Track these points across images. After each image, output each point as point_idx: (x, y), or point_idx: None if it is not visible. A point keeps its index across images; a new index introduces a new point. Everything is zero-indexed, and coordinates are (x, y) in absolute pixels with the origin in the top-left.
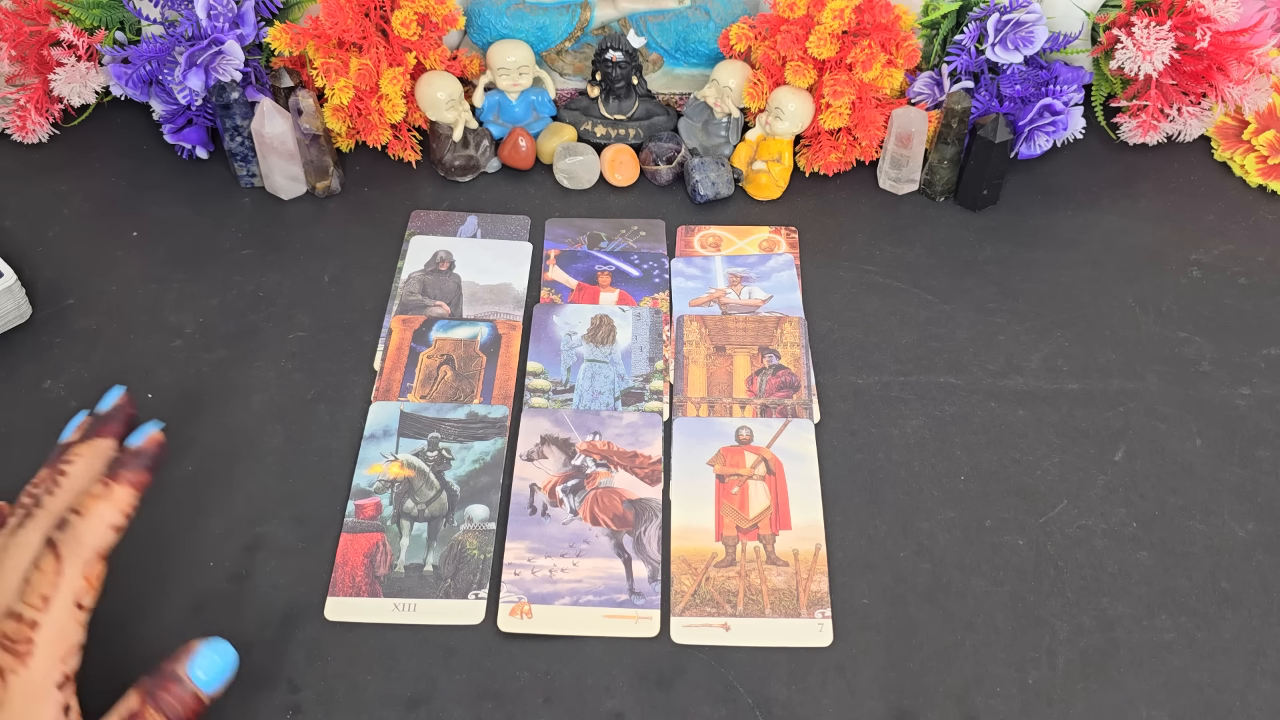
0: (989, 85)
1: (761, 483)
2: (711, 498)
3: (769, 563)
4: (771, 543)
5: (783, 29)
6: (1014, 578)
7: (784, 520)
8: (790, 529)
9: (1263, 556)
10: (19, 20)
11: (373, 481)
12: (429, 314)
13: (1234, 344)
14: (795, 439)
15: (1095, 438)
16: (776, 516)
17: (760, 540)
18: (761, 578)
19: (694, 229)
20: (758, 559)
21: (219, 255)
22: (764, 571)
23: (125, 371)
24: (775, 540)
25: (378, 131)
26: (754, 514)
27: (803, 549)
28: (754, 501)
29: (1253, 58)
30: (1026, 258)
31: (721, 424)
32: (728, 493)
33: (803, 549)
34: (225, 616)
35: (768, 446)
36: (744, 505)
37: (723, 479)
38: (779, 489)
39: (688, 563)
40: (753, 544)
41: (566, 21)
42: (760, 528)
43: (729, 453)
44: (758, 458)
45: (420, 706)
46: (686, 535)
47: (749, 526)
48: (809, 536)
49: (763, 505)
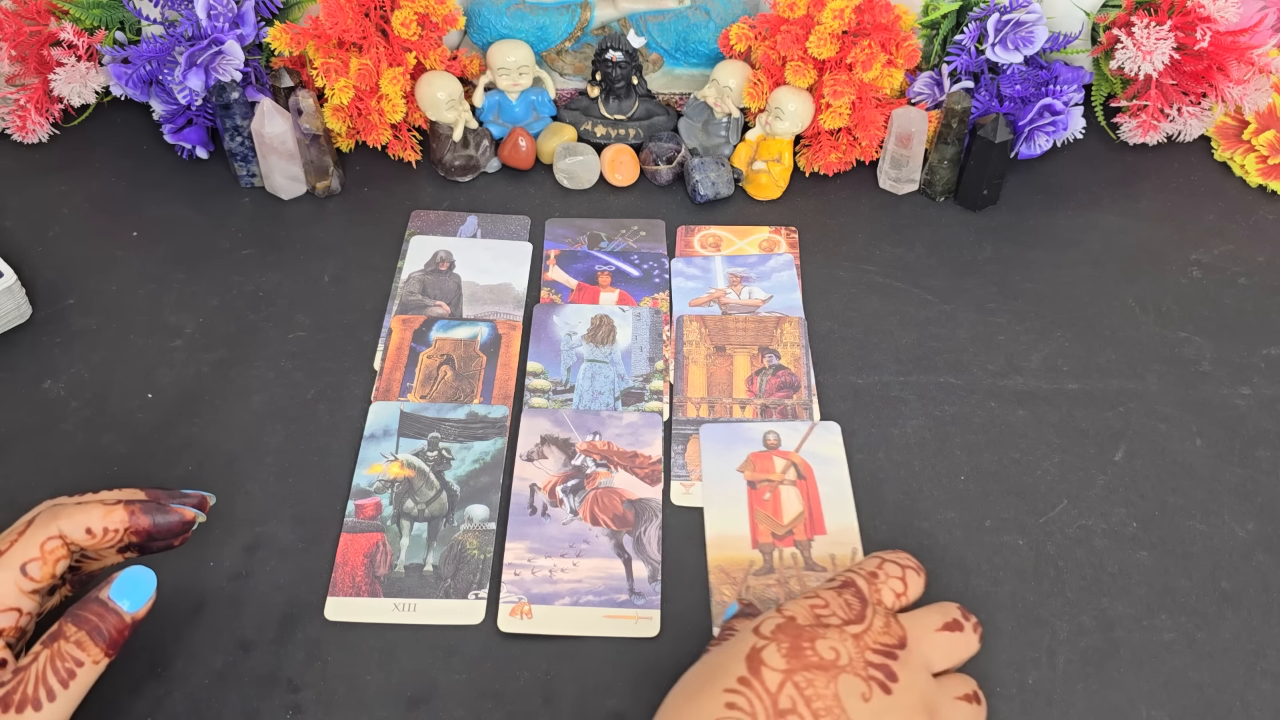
0: (989, 85)
1: (793, 487)
2: (744, 504)
3: (806, 569)
4: (808, 548)
5: (783, 29)
6: (1014, 578)
7: (818, 525)
8: (825, 534)
9: (1263, 556)
10: (19, 20)
11: (373, 481)
12: (429, 314)
13: (1234, 344)
14: (823, 442)
15: (1095, 438)
16: (810, 521)
17: (797, 546)
18: (800, 585)
19: (694, 229)
20: (795, 565)
21: (219, 255)
22: (802, 578)
23: (125, 371)
24: (811, 545)
25: (378, 131)
26: (788, 520)
27: (839, 554)
28: (787, 507)
29: (1253, 58)
30: (1026, 258)
31: (748, 429)
32: (760, 499)
33: (839, 554)
34: (225, 616)
35: (796, 450)
36: (777, 511)
37: (754, 485)
38: (811, 493)
39: (726, 572)
40: (789, 550)
41: (566, 21)
42: (795, 533)
43: (758, 458)
44: (787, 462)
45: (420, 706)
46: (722, 544)
47: (784, 533)
48: (844, 540)
49: (796, 510)
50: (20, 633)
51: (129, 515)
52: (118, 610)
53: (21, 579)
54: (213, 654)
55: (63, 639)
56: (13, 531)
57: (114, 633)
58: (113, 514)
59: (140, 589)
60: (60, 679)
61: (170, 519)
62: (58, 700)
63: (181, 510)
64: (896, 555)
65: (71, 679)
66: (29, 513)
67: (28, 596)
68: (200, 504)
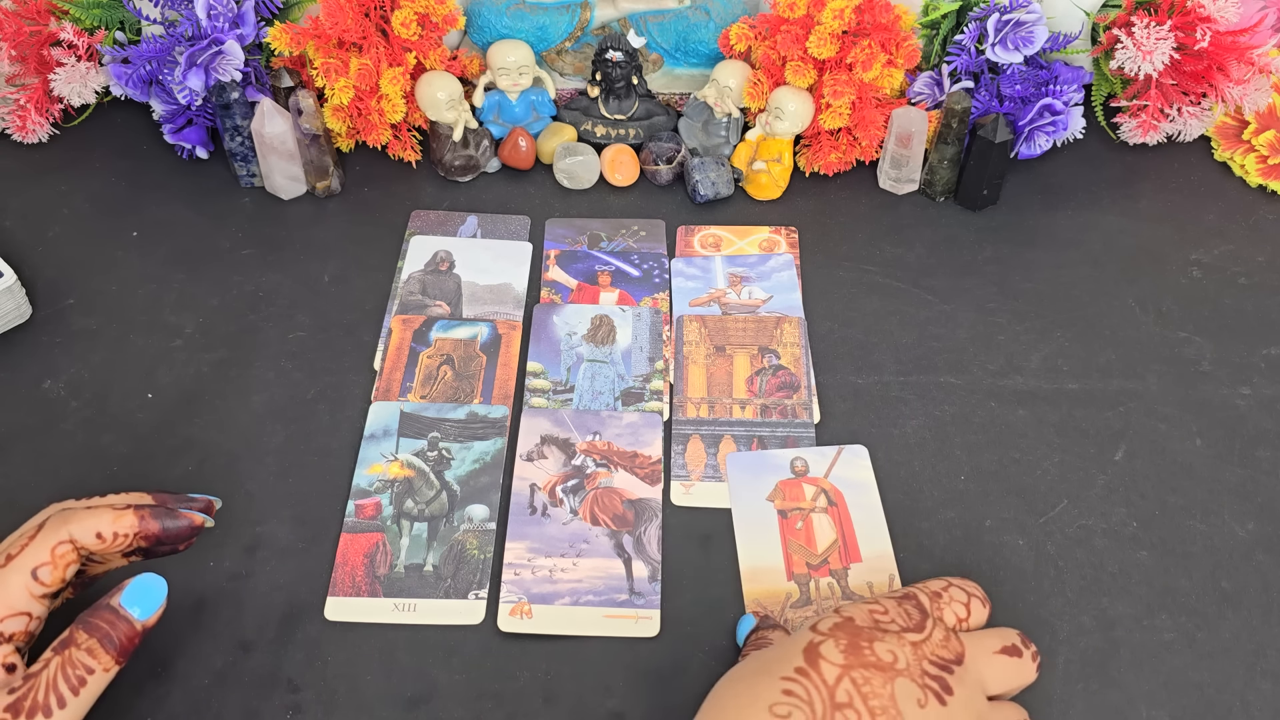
0: (989, 85)
1: (825, 515)
2: (776, 535)
3: (845, 598)
4: (844, 577)
5: (783, 29)
6: (1014, 578)
7: (853, 553)
8: (861, 561)
9: (1263, 556)
10: (19, 20)
11: (373, 481)
12: (429, 314)
13: (1234, 344)
14: (851, 466)
15: (1095, 438)
16: (845, 550)
17: (833, 575)
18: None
19: (694, 229)
20: (833, 595)
21: (219, 255)
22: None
23: (125, 371)
24: (848, 575)
25: (378, 131)
26: (822, 549)
27: (877, 581)
28: (820, 536)
29: (1253, 58)
30: (1026, 258)
31: (775, 456)
32: (792, 529)
33: (877, 581)
34: (225, 616)
35: (825, 477)
36: (810, 541)
37: (785, 514)
38: (843, 520)
39: (762, 605)
40: (825, 580)
41: (566, 21)
42: (830, 562)
43: (786, 486)
44: (817, 489)
45: (420, 706)
46: (757, 577)
47: (819, 563)
48: (881, 568)
49: (829, 539)
50: (29, 637)
51: (138, 520)
52: (128, 618)
53: (32, 583)
54: (213, 654)
55: (74, 646)
56: (23, 535)
57: (124, 640)
58: (122, 519)
59: (151, 597)
60: (71, 686)
61: (179, 524)
62: (68, 707)
63: (190, 515)
64: (965, 582)
65: (82, 686)
66: (37, 516)
67: (38, 601)
68: (207, 509)
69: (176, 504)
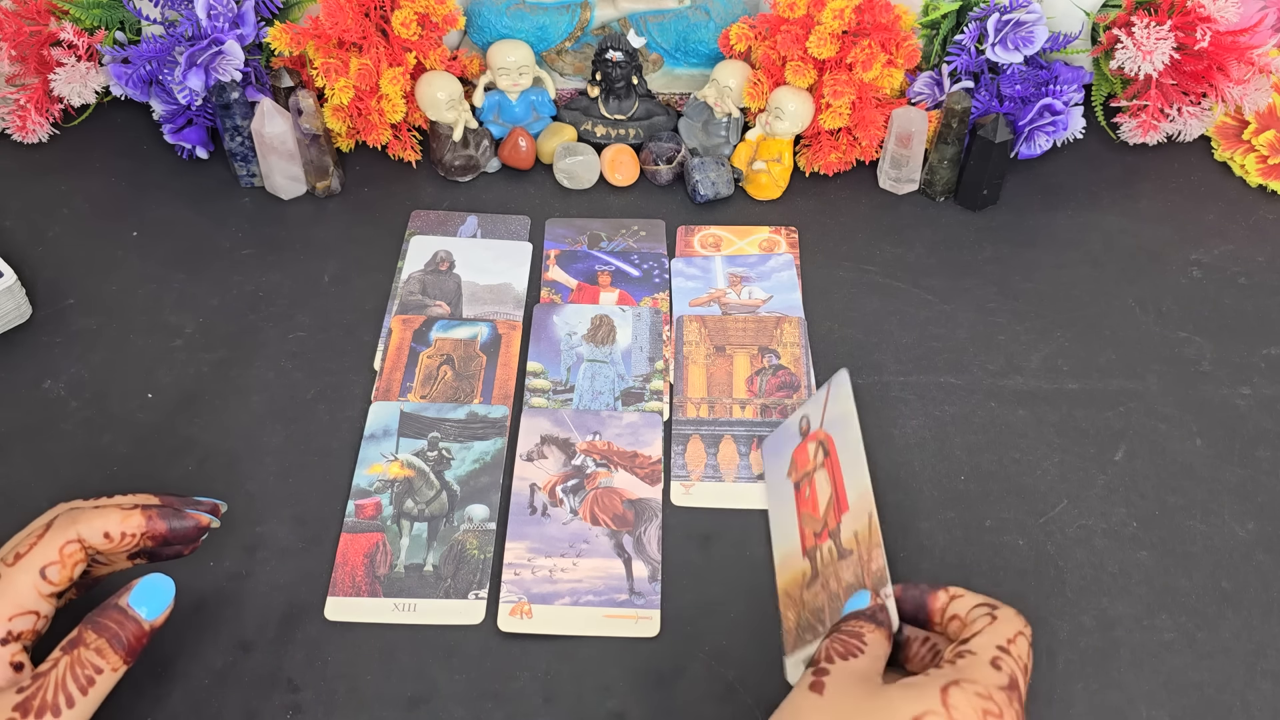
0: (989, 85)
1: (823, 470)
2: (794, 514)
3: (840, 559)
4: (838, 535)
5: (783, 29)
6: (1014, 578)
7: (843, 503)
8: (848, 509)
9: (1263, 556)
10: (19, 20)
11: (373, 481)
12: (429, 314)
13: (1234, 344)
14: (838, 401)
15: (1095, 438)
16: (837, 503)
17: (830, 538)
18: (838, 580)
19: (694, 229)
20: (832, 560)
21: (219, 255)
22: (838, 571)
23: (125, 371)
24: (840, 532)
25: (378, 131)
26: (822, 510)
27: (859, 527)
28: (821, 496)
29: (1253, 58)
30: (1026, 258)
31: (790, 425)
32: (802, 498)
33: (859, 527)
34: (225, 616)
35: (821, 426)
36: (814, 506)
37: (797, 486)
38: (835, 470)
39: (790, 595)
40: (826, 546)
41: (566, 21)
42: (829, 522)
43: (798, 453)
44: (816, 445)
45: (420, 706)
46: (786, 565)
47: (820, 527)
48: (862, 508)
49: (827, 496)
50: (36, 636)
51: (146, 520)
52: (136, 618)
53: (41, 582)
54: (213, 654)
55: (82, 646)
56: (31, 535)
57: (132, 640)
58: (130, 518)
59: (159, 597)
60: (80, 685)
61: (186, 524)
62: (77, 706)
63: (197, 515)
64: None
65: (91, 686)
66: (44, 516)
67: (45, 600)
68: (213, 511)
69: (183, 505)
